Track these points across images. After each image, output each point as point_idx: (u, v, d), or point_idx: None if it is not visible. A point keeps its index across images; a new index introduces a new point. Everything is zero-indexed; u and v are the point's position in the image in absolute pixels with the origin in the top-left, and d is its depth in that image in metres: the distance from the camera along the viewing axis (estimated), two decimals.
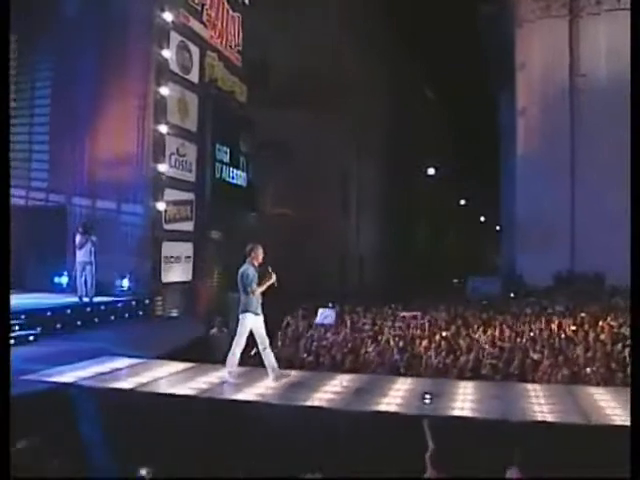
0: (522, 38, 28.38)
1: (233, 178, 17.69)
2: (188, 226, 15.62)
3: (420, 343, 11.11)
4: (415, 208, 38.55)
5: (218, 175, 16.71)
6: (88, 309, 11.88)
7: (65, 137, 14.28)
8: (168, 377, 7.86)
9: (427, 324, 13.19)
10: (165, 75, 14.27)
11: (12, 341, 8.52)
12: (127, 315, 12.95)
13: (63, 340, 10.29)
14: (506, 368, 9.34)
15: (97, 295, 12.73)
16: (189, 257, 15.58)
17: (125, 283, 13.64)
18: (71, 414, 6.57)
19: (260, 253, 7.59)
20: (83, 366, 8.18)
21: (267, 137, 26.51)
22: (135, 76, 13.97)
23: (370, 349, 10.79)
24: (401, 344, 10.93)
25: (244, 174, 18.46)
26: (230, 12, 17.81)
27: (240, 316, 7.49)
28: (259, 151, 27.11)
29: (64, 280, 13.95)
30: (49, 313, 11.21)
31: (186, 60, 15.28)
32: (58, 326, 11.05)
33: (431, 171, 36.89)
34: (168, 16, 14.12)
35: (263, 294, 7.61)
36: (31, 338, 9.92)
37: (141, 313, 13.43)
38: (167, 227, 14.57)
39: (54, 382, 7.26)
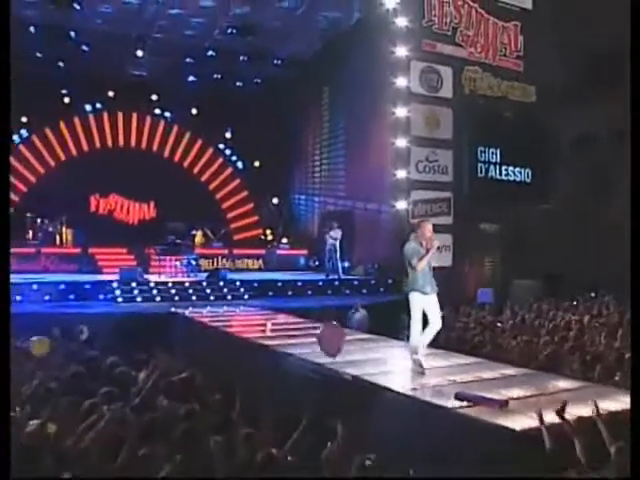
0: None
1: (507, 175, 19.21)
2: (445, 220, 18.27)
3: None
4: None
5: (482, 175, 18.71)
6: (320, 283, 16.73)
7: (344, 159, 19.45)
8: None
9: None
10: (405, 99, 17.61)
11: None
12: (365, 290, 16.97)
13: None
14: None
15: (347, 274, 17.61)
16: (447, 246, 18.18)
17: (371, 267, 17.80)
18: None
19: (426, 230, 7.43)
20: None
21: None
22: (381, 105, 17.94)
23: None
24: None
25: (527, 171, 19.60)
26: (499, 24, 19.48)
27: (409, 296, 7.46)
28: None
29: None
30: (299, 283, 16.81)
31: (433, 81, 18.13)
32: (309, 292, 16.61)
33: None
34: (402, 51, 17.46)
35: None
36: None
37: (382, 290, 17.14)
38: (414, 222, 17.76)
39: None
